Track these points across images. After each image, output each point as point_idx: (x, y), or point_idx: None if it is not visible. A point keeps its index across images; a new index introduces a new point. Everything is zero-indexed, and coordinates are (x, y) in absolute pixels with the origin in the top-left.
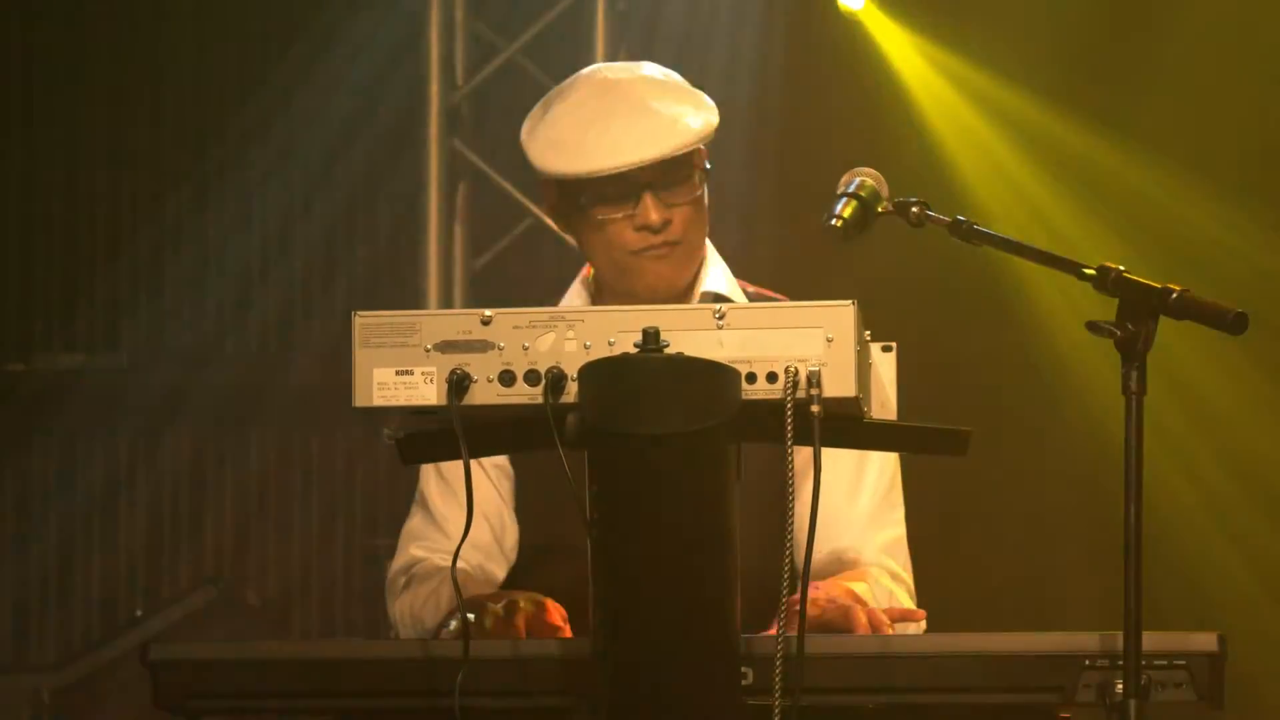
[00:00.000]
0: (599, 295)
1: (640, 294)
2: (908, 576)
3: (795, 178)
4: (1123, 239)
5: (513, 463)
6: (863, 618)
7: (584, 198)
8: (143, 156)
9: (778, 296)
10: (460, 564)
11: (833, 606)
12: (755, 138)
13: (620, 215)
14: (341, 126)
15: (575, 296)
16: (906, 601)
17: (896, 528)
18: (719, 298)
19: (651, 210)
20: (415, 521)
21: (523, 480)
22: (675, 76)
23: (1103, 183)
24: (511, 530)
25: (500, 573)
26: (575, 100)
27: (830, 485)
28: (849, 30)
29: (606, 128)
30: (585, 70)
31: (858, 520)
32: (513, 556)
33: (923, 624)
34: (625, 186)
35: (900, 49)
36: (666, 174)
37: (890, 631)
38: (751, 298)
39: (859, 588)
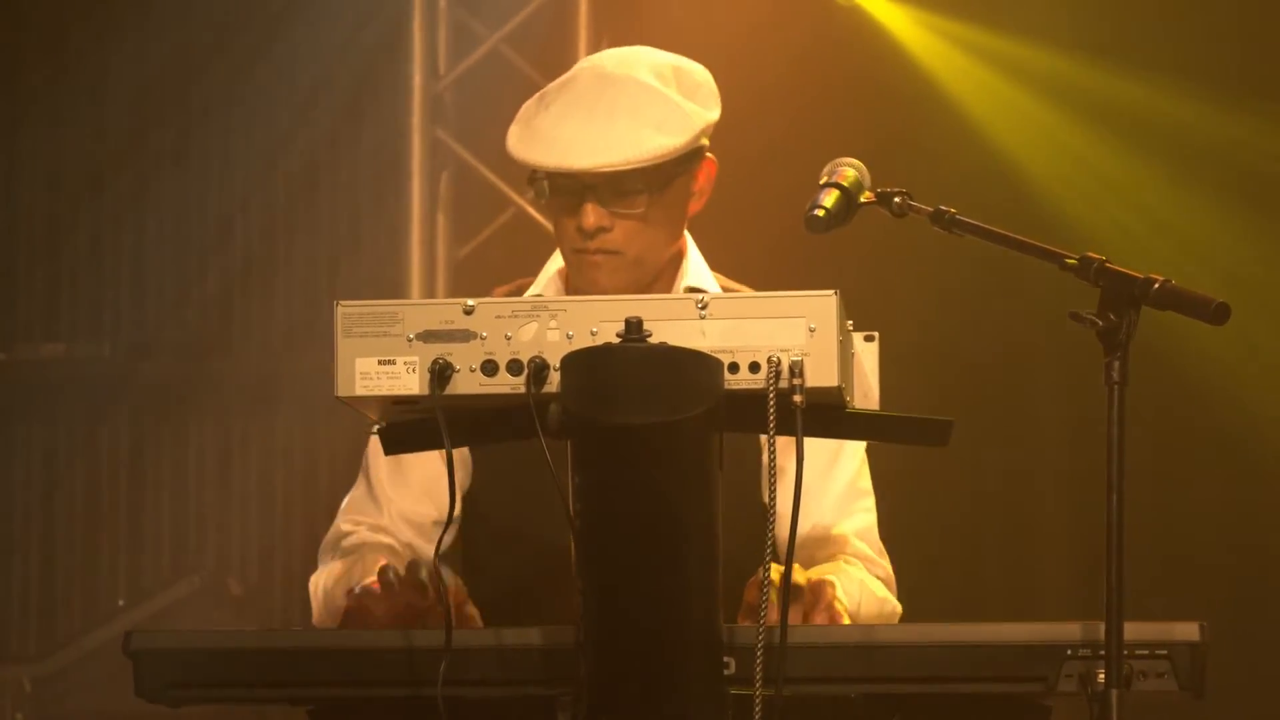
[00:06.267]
0: (569, 283)
1: (587, 294)
2: (885, 562)
3: (789, 168)
4: (1175, 179)
5: (471, 452)
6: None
7: (546, 185)
8: (125, 146)
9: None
10: (387, 539)
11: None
12: (745, 128)
13: (567, 213)
14: (323, 115)
15: (550, 281)
16: (881, 590)
17: (868, 514)
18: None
19: (589, 215)
20: (355, 494)
21: (480, 469)
22: (680, 75)
23: (1154, 121)
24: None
25: (432, 552)
26: (567, 88)
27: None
28: (845, 17)
29: (567, 125)
30: (597, 56)
31: (831, 503)
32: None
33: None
34: (574, 186)
35: (909, 27)
36: (613, 184)
37: (832, 594)
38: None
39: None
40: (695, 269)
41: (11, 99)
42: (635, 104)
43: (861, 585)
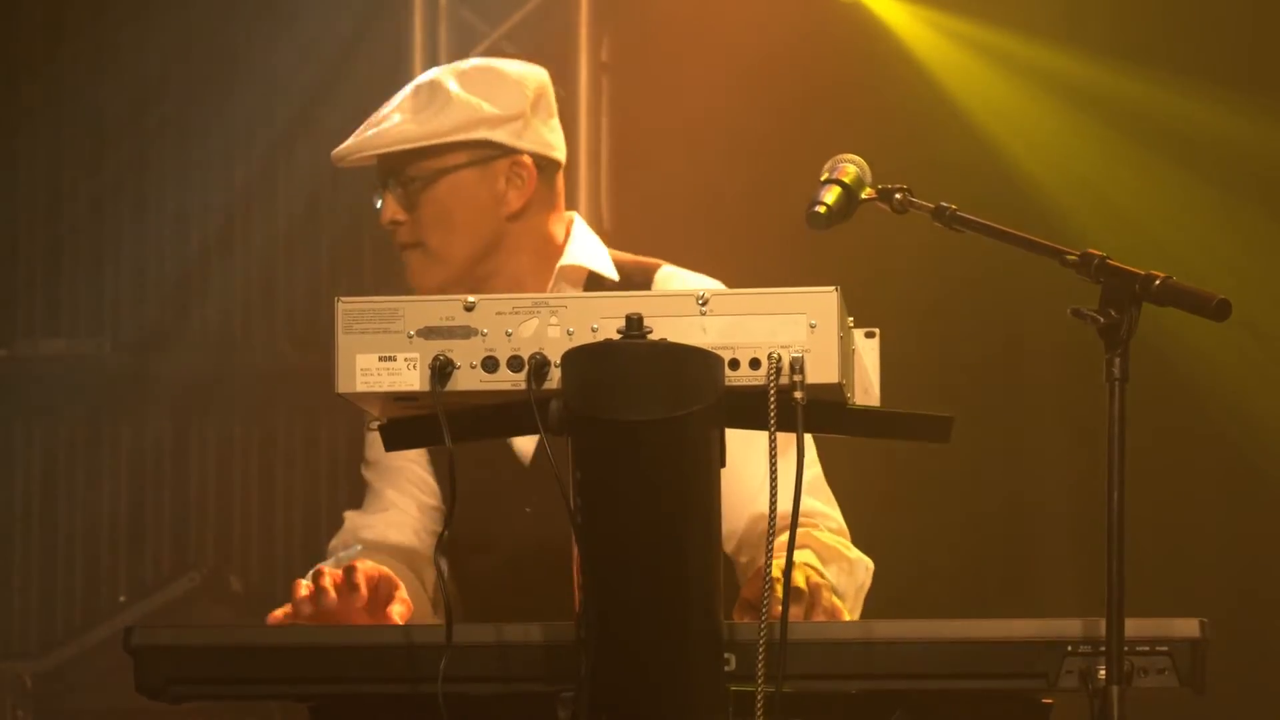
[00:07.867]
0: None
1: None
2: (834, 512)
3: (790, 164)
4: (1177, 177)
5: (431, 460)
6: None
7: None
8: (125, 142)
9: (653, 261)
10: (395, 537)
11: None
12: (746, 124)
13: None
14: (324, 112)
15: None
16: (853, 551)
17: (812, 467)
18: (578, 270)
19: (384, 209)
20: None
21: (442, 477)
22: (482, 73)
23: (1155, 117)
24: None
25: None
26: None
27: (737, 452)
28: (846, 14)
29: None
30: None
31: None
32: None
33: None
34: (377, 185)
35: (910, 24)
36: (396, 176)
37: (829, 597)
38: (625, 266)
39: (807, 555)
40: (578, 248)
41: (11, 97)
42: (404, 97)
43: (839, 553)
